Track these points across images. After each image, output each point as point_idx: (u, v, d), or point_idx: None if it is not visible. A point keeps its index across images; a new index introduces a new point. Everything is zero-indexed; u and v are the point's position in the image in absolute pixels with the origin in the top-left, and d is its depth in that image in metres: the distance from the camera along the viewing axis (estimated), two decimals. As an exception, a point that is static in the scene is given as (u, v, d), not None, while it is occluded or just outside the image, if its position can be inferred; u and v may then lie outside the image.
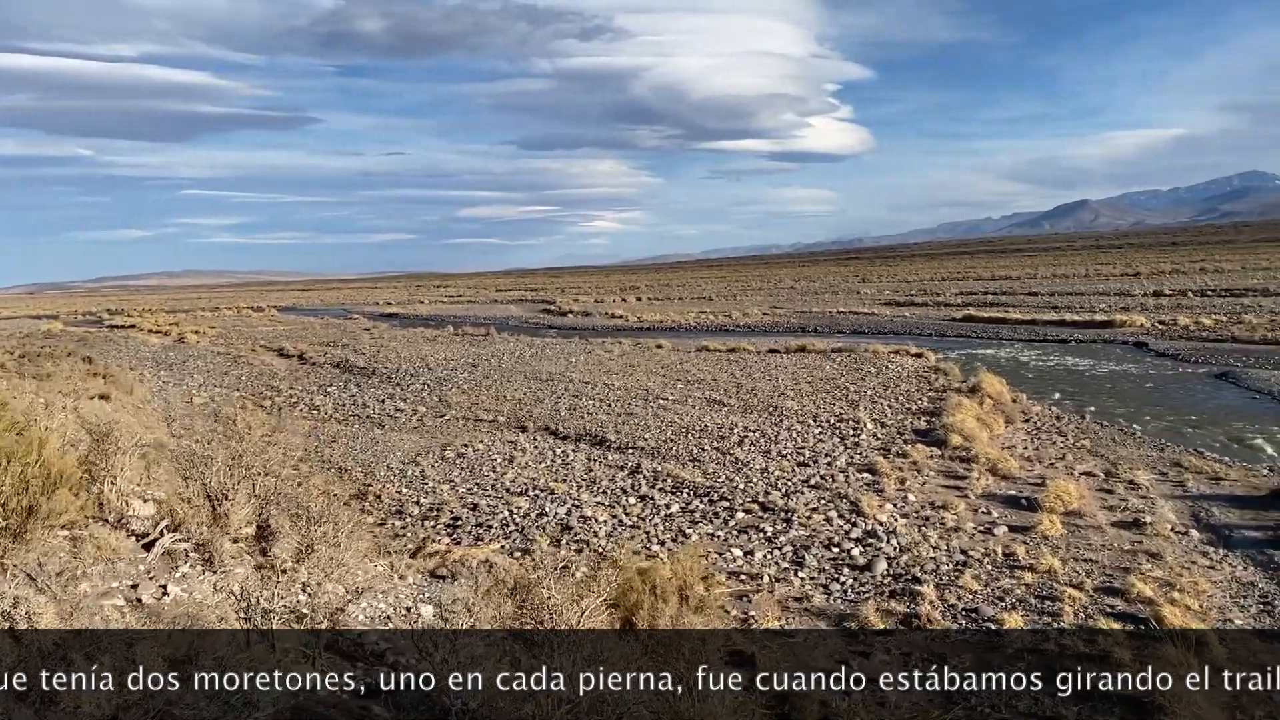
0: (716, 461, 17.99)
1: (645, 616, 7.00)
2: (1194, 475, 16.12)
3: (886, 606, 10.00)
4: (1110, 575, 11.07)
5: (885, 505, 14.29)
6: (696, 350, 39.86)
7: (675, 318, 65.81)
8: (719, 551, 12.40)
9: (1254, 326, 40.39)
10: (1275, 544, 12.16)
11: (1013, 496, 14.84)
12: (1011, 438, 20.06)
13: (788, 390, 26.95)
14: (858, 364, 33.10)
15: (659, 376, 31.36)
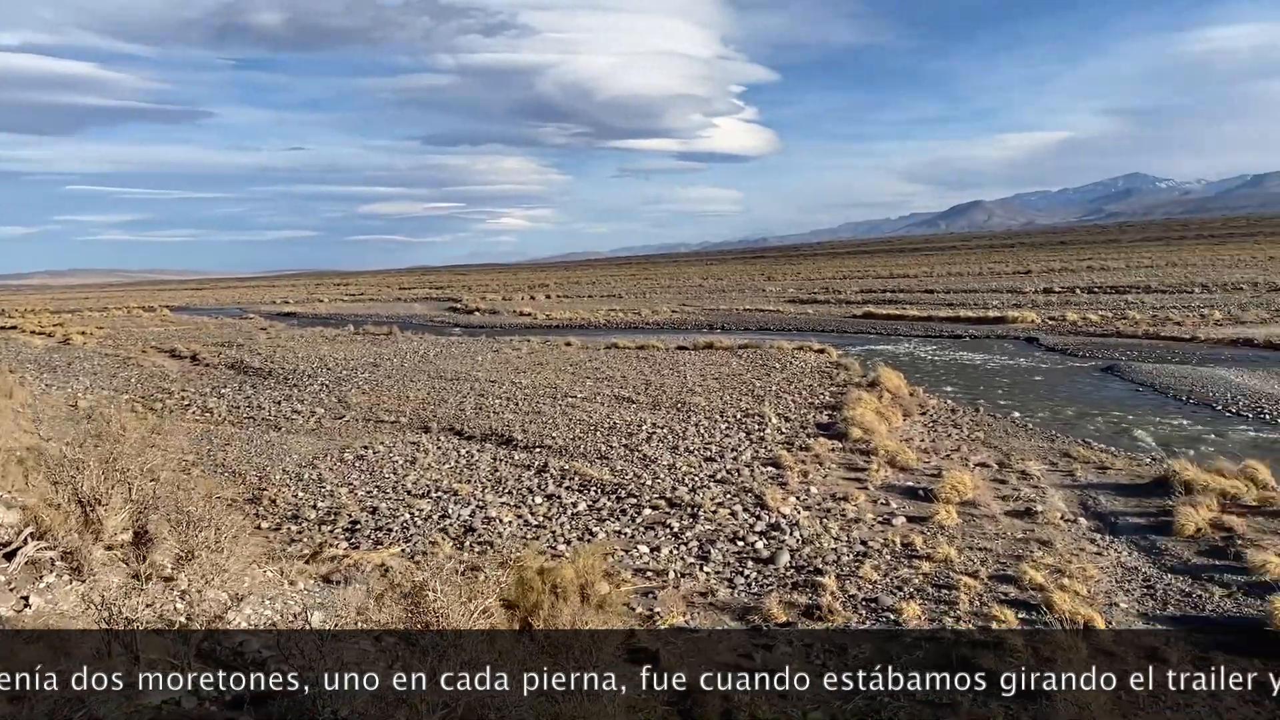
0: (625, 458, 17.97)
1: (544, 617, 6.92)
2: (1082, 465, 16.73)
3: (789, 598, 10.10)
4: (1004, 563, 11.39)
5: (789, 498, 14.46)
6: (606, 348, 39.83)
7: (585, 315, 65.68)
8: (626, 549, 12.37)
9: (1137, 322, 42.23)
10: (1157, 530, 12.68)
11: (911, 487, 15.17)
12: (909, 430, 20.53)
13: (696, 387, 27.11)
14: (763, 360, 33.49)
15: (567, 374, 31.22)
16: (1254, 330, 37.47)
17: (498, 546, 12.79)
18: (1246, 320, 41.09)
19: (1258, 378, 26.09)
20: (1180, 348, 34.47)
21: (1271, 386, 24.55)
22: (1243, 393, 23.86)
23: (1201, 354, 32.51)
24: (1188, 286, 60.38)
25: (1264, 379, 25.82)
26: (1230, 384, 25.28)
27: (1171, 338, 37.28)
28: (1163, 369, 28.98)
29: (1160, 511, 13.30)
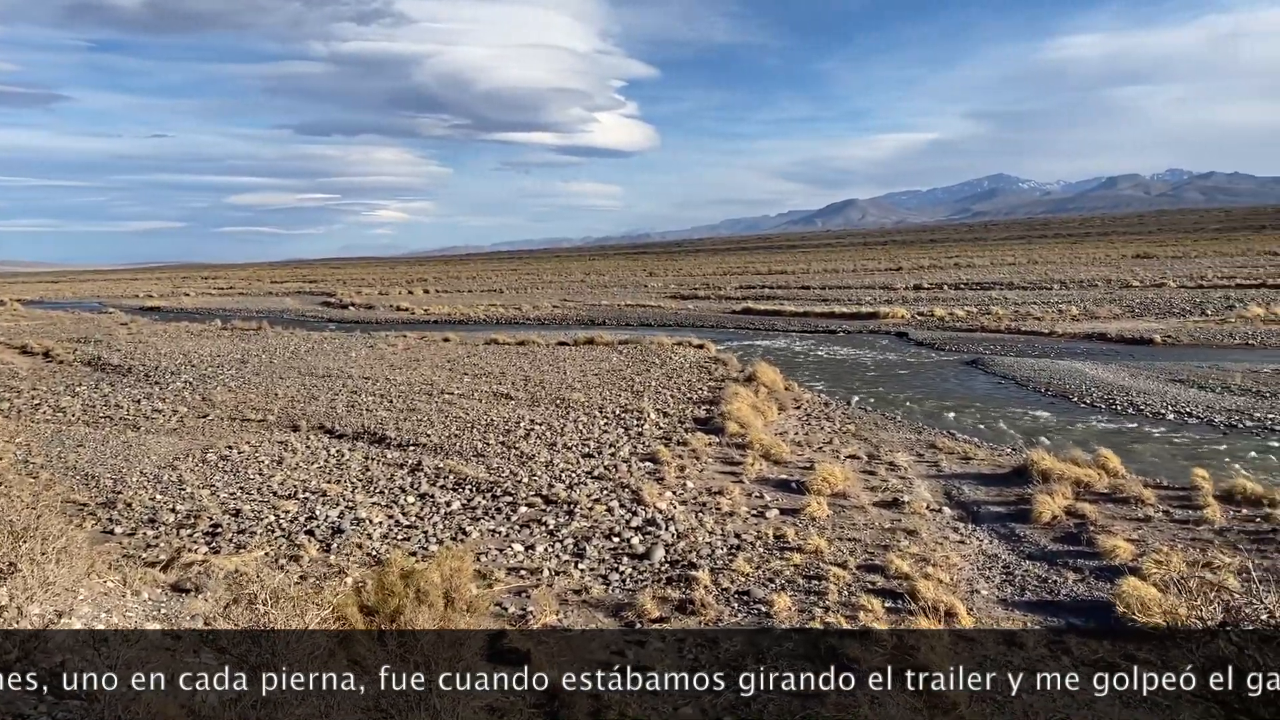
0: (501, 456, 17.71)
1: (405, 621, 6.70)
2: (947, 456, 17.29)
3: (663, 593, 10.08)
4: (872, 553, 11.64)
5: (665, 493, 14.49)
6: (485, 343, 39.33)
7: (464, 310, 64.73)
8: (500, 547, 12.16)
9: (1000, 317, 44.03)
10: (1015, 518, 13.19)
11: (784, 480, 15.40)
12: (784, 424, 20.88)
13: (575, 382, 26.98)
14: (643, 355, 33.60)
15: (445, 370, 30.67)
16: (1107, 325, 39.53)
17: (367, 548, 12.41)
18: (1100, 315, 43.31)
19: (1110, 370, 27.50)
20: (1040, 342, 36.09)
21: (1122, 379, 25.90)
22: (1096, 385, 25.10)
23: (1059, 348, 34.10)
24: (1047, 283, 63.34)
25: (1115, 371, 27.23)
26: (1085, 376, 26.56)
27: (1032, 332, 39.01)
28: (1023, 362, 30.26)
29: (1019, 500, 13.84)
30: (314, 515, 13.94)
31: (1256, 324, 37.66)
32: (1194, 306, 44.74)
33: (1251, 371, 25.68)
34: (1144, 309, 45.20)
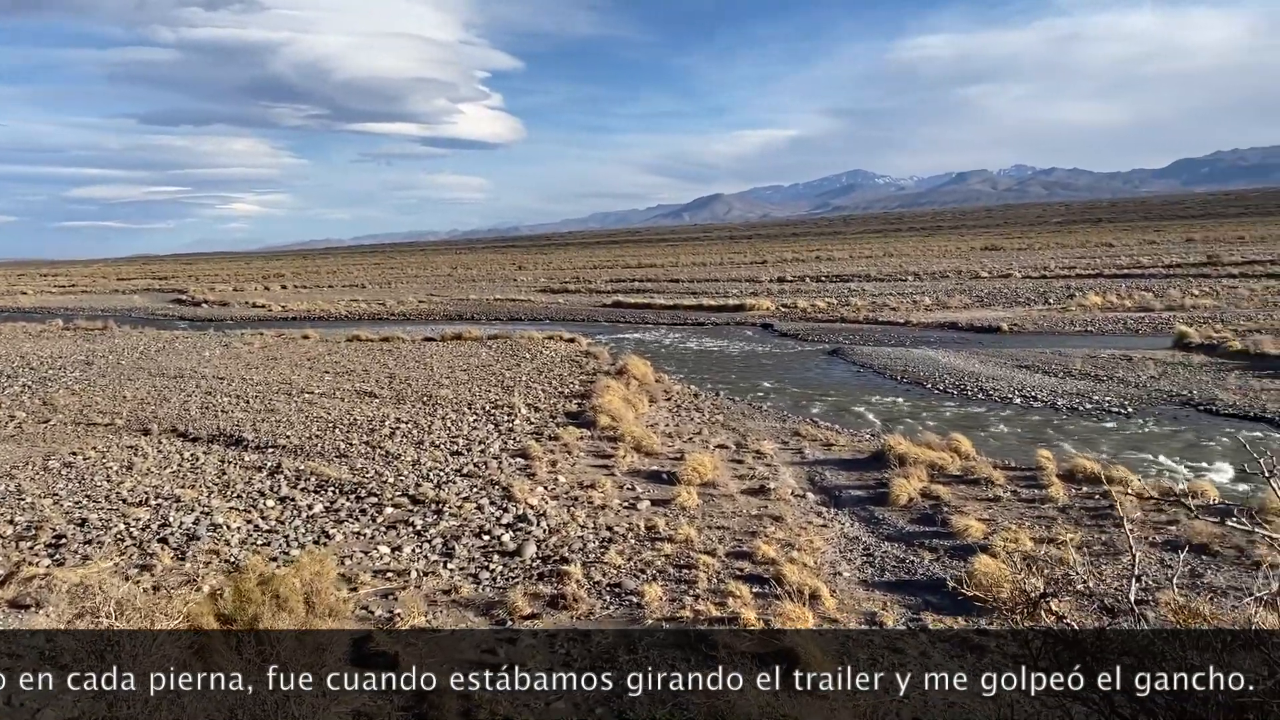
0: (366, 456, 17.27)
1: (266, 627, 6.44)
2: (810, 443, 17.77)
3: (535, 590, 10.02)
4: (740, 540, 11.86)
5: (536, 489, 14.41)
6: (347, 340, 38.30)
7: (325, 306, 62.87)
8: (365, 550, 11.85)
9: (859, 308, 45.55)
10: (875, 501, 13.65)
11: (655, 471, 15.53)
12: (655, 416, 21.06)
13: (443, 379, 26.55)
14: (513, 350, 33.35)
15: (305, 369, 29.73)
16: (958, 314, 41.38)
17: (225, 555, 11.89)
18: (952, 305, 45.29)
19: (961, 358, 28.79)
20: (896, 331, 37.50)
21: (972, 365, 27.15)
22: (949, 372, 26.24)
23: (914, 337, 35.52)
24: (902, 275, 65.86)
25: (966, 359, 28.52)
26: (938, 364, 27.73)
27: (889, 322, 40.52)
28: (881, 351, 31.38)
29: (878, 484, 14.34)
30: (167, 522, 13.29)
31: (1094, 311, 40.09)
32: (1038, 296, 47.28)
33: (1090, 356, 27.30)
34: (992, 299, 47.50)
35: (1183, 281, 50.32)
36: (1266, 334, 28.64)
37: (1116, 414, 20.17)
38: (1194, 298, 41.67)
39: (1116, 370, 24.95)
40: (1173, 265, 61.91)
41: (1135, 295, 44.00)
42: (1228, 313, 36.12)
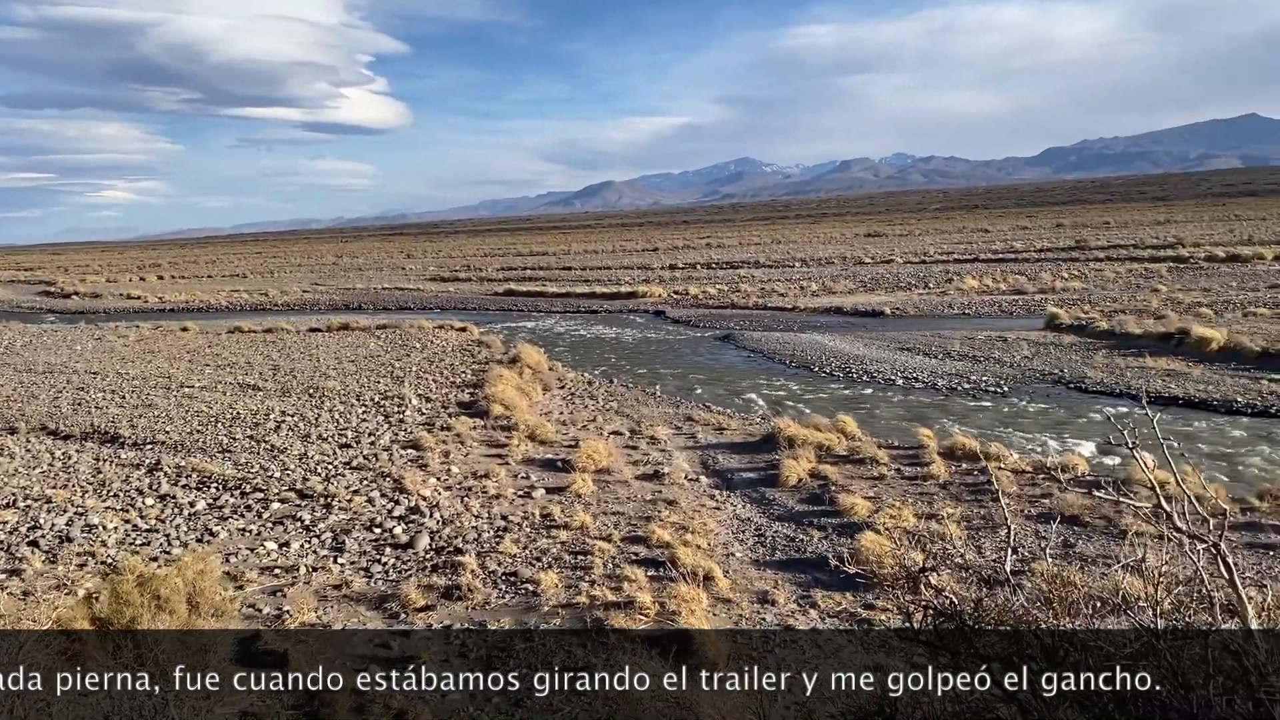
0: (250, 450, 16.76)
1: (146, 630, 6.20)
2: (703, 427, 18.00)
3: (429, 582, 9.90)
4: (634, 525, 11.94)
5: (429, 480, 14.22)
6: (229, 332, 37.05)
7: (204, 297, 60.62)
8: (251, 547, 11.51)
9: (749, 294, 46.24)
10: (766, 482, 13.93)
11: (550, 460, 15.50)
12: (549, 404, 21.01)
13: (330, 370, 25.93)
14: (403, 340, 32.78)
15: (184, 362, 28.64)
16: (843, 299, 42.42)
17: (101, 556, 11.40)
18: (837, 290, 46.39)
19: (846, 341, 29.54)
20: (785, 317, 38.23)
21: (857, 349, 27.89)
22: (835, 355, 26.90)
23: (802, 322, 36.28)
24: (790, 261, 67.11)
25: (851, 342, 29.29)
26: (825, 348, 28.40)
27: (777, 308, 41.27)
28: (770, 336, 31.95)
29: (769, 465, 14.62)
30: (38, 524, 12.65)
31: (971, 295, 41.63)
32: (918, 280, 48.81)
33: (968, 338, 28.35)
34: (875, 284, 48.82)
35: (1053, 265, 52.64)
36: (1130, 314, 30.23)
37: (993, 393, 21.02)
38: (1064, 281, 43.65)
39: (992, 351, 25.98)
40: (1044, 250, 64.70)
41: (1009, 279, 45.86)
42: (1095, 294, 37.97)
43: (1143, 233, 76.33)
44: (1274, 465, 14.61)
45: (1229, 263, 48.17)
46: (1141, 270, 46.63)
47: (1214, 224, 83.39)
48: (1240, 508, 11.85)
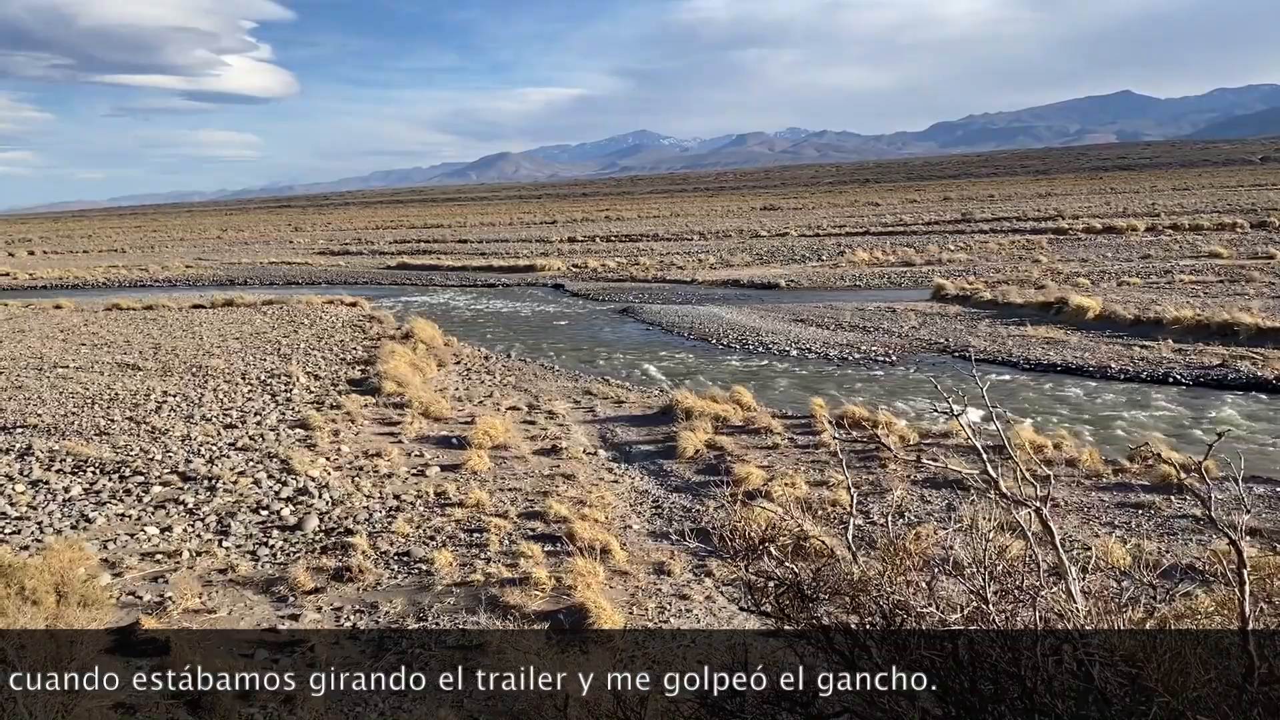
0: (129, 432, 16.07)
1: (10, 623, 5.89)
2: (602, 401, 18.00)
3: (318, 564, 9.66)
4: (532, 500, 11.88)
5: (318, 460, 13.86)
6: (106, 309, 35.43)
7: (79, 273, 57.79)
8: (131, 532, 11.04)
9: (648, 268, 46.37)
10: (663, 454, 14.02)
11: (445, 437, 15.28)
12: (444, 380, 20.72)
13: (214, 348, 25.04)
14: (291, 316, 31.88)
15: (58, 341, 27.31)
16: (740, 272, 42.90)
17: (-36, 549, 10.79)
18: (734, 263, 46.90)
19: (743, 314, 29.90)
20: (683, 290, 38.48)
21: (754, 321, 28.26)
22: (732, 327, 27.20)
23: (700, 294, 36.56)
24: (688, 235, 67.51)
25: (748, 314, 29.66)
26: (722, 320, 28.70)
27: (676, 281, 41.51)
28: (668, 309, 32.13)
29: (666, 438, 14.71)
30: (-109, 517, 11.90)
31: (862, 267, 42.58)
32: (812, 253, 49.69)
33: (859, 309, 29.00)
34: (771, 256, 49.54)
35: (940, 238, 54.23)
36: (1013, 285, 31.36)
37: (883, 362, 21.57)
38: (950, 252, 45.02)
39: (882, 322, 26.64)
40: (932, 222, 66.60)
41: (899, 251, 47.06)
42: (979, 266, 39.26)
43: (1025, 205, 79.28)
44: (1144, 428, 15.36)
45: (1105, 234, 50.42)
46: (1024, 242, 48.39)
47: (1091, 197, 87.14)
48: (1113, 469, 12.44)
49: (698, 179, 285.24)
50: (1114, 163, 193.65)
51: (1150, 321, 23.10)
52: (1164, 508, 10.97)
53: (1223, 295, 27.12)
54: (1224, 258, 36.32)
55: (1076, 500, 11.43)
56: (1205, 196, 77.36)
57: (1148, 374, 18.86)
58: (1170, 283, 30.49)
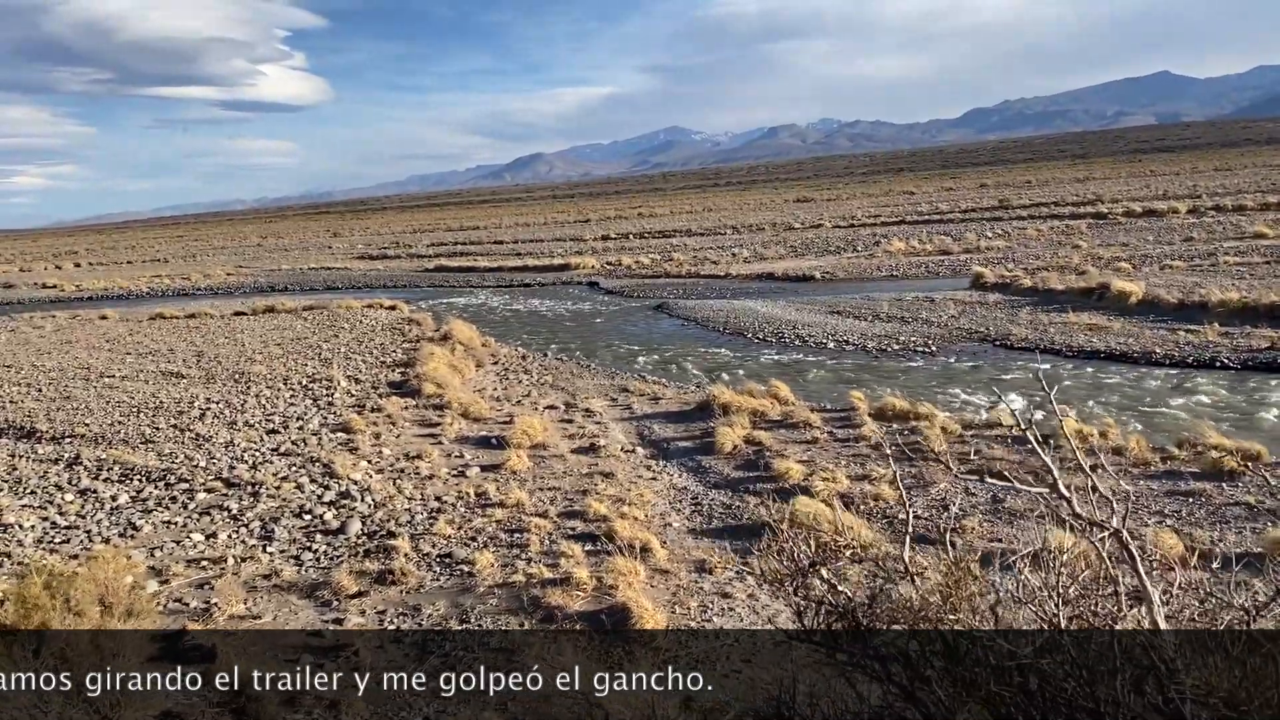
0: (174, 440, 16.29)
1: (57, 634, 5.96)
2: (638, 398, 17.96)
3: (361, 567, 9.71)
4: (571, 500, 11.87)
5: (360, 463, 13.96)
6: (150, 318, 35.97)
7: (124, 284, 58.77)
8: (177, 539, 11.19)
9: (681, 263, 46.24)
10: (701, 450, 13.95)
11: (484, 437, 15.33)
12: (482, 380, 20.79)
13: (256, 354, 25.33)
14: (331, 321, 32.17)
15: (104, 351, 27.76)
16: (774, 265, 42.65)
17: (17, 556, 10.98)
18: (768, 257, 46.64)
19: (778, 307, 29.71)
20: (717, 284, 38.33)
21: (789, 314, 28.07)
22: (768, 321, 27.05)
23: (734, 289, 36.40)
24: (721, 229, 67.27)
25: (783, 308, 29.46)
26: (757, 314, 28.53)
27: (710, 276, 41.35)
28: (703, 304, 32.01)
29: (704, 434, 14.64)
30: (-54, 528, 12.15)
31: (899, 257, 42.14)
32: (847, 244, 49.30)
33: (896, 300, 28.71)
34: (805, 249, 49.19)
35: (978, 225, 53.55)
36: (1053, 271, 30.89)
37: (922, 353, 21.32)
38: (988, 240, 44.44)
39: (920, 312, 26.34)
40: (968, 210, 65.78)
41: (935, 240, 46.52)
42: (1018, 253, 38.71)
43: (1063, 190, 78.06)
44: (1191, 414, 15.05)
45: (1145, 217, 49.48)
46: (1063, 227, 47.66)
47: (1130, 180, 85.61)
48: (1161, 456, 12.20)
49: (730, 173, 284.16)
50: (1153, 144, 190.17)
51: (1195, 305, 22.64)
52: (1215, 495, 10.73)
53: (1269, 276, 26.52)
54: (1269, 238, 35.49)
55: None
56: (1248, 176, 75.67)
57: (1194, 359, 18.49)
58: (1214, 265, 29.85)
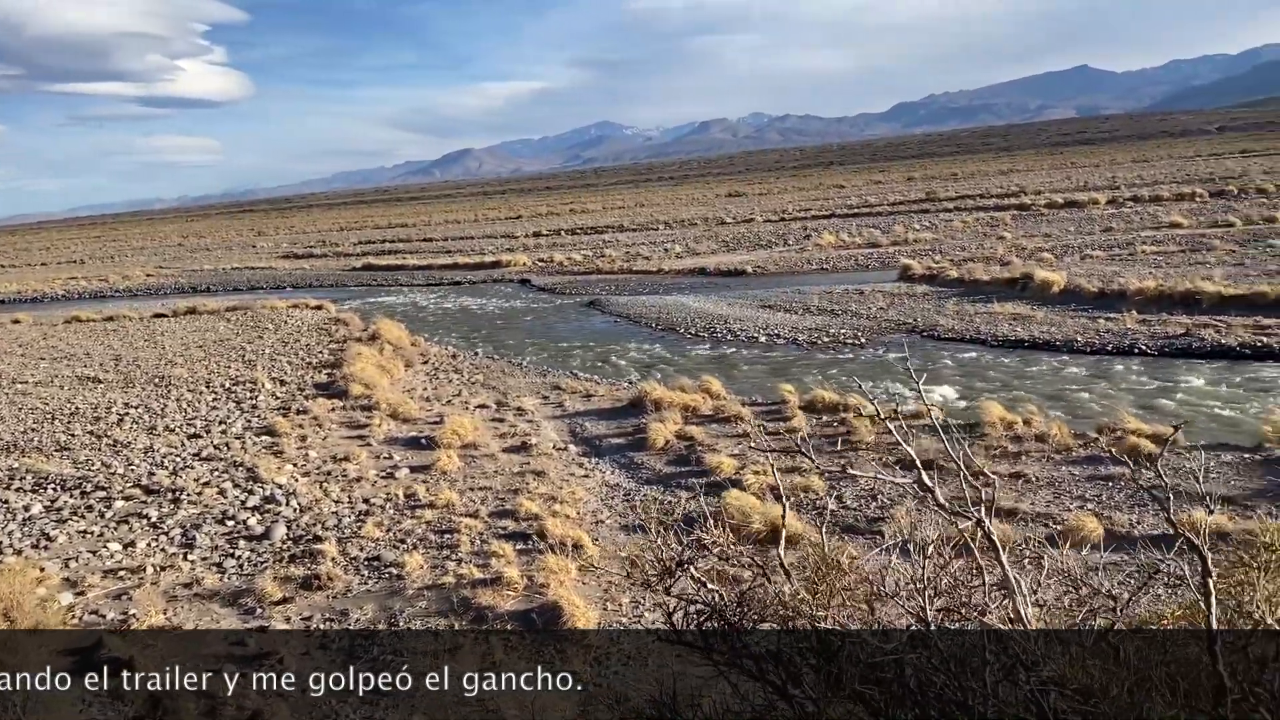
0: (91, 447, 15.78)
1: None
2: (571, 396, 17.88)
3: (286, 573, 9.50)
4: (502, 499, 11.77)
5: (285, 467, 13.67)
6: (65, 322, 34.85)
7: (38, 286, 56.81)
8: (93, 549, 10.83)
9: (614, 259, 46.19)
10: (634, 447, 13.94)
11: (414, 438, 15.12)
12: (412, 380, 20.52)
13: (177, 357, 24.67)
14: (255, 322, 31.49)
15: (16, 356, 26.83)
16: (707, 260, 42.81)
17: (-78, 574, 10.52)
18: (700, 252, 46.83)
19: (710, 302, 29.85)
20: (650, 280, 38.33)
21: (721, 309, 28.21)
22: (700, 316, 27.14)
23: (667, 285, 36.45)
24: (654, 225, 67.36)
25: (715, 303, 29.60)
26: (690, 310, 28.62)
27: (643, 272, 41.34)
28: (636, 301, 32.01)
29: (636, 430, 14.63)
30: None
31: (829, 250, 42.64)
32: (778, 238, 49.71)
33: (826, 293, 29.03)
34: (737, 243, 49.50)
35: (905, 218, 54.42)
36: (978, 262, 31.53)
37: (851, 345, 21.59)
38: (915, 232, 45.17)
39: (850, 304, 26.68)
40: (896, 203, 66.85)
41: (864, 233, 47.18)
42: (945, 244, 39.44)
43: (988, 183, 79.78)
44: (1111, 400, 15.46)
45: (1067, 209, 50.81)
46: (988, 219, 48.69)
47: (1052, 172, 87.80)
48: (1082, 443, 12.51)
49: (662, 168, 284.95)
50: (1074, 137, 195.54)
51: (1114, 294, 23.29)
52: (1134, 479, 11.03)
53: (1184, 265, 27.40)
54: (1184, 227, 36.71)
55: (1047, 475, 11.49)
56: (1164, 168, 78.22)
57: (1114, 346, 19.01)
58: (1133, 254, 30.76)
